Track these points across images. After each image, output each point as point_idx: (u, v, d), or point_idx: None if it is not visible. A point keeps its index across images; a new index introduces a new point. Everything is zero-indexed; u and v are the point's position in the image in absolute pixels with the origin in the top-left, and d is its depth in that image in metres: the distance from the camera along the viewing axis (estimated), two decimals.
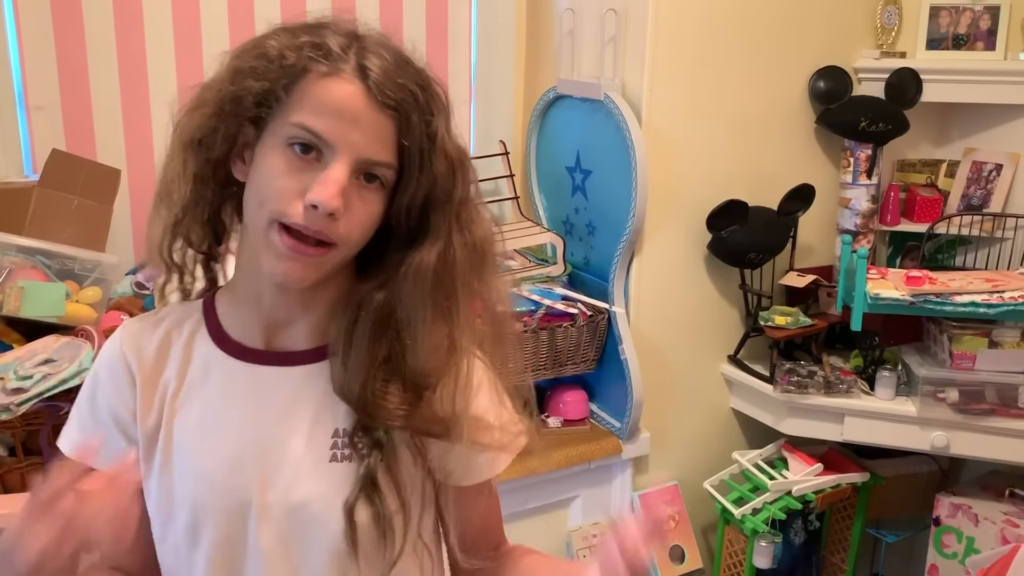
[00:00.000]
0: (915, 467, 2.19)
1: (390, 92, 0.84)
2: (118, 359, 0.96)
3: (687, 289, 2.07)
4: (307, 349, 0.95)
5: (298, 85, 0.85)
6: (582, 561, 0.87)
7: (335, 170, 0.83)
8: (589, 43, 2.03)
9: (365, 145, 0.84)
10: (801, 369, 1.98)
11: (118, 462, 0.85)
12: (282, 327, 0.95)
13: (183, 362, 0.96)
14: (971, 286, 1.83)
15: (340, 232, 0.85)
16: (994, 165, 2.14)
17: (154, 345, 0.96)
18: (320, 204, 0.82)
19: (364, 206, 0.87)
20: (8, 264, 1.57)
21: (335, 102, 0.84)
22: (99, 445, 0.92)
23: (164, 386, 0.95)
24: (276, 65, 0.85)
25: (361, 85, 0.84)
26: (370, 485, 0.91)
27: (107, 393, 0.96)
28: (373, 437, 0.93)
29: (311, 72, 0.85)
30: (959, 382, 1.87)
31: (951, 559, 2.02)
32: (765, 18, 2.00)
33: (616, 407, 2.01)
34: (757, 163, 2.07)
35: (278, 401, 0.94)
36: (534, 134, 2.25)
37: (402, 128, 0.86)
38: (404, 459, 0.94)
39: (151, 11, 1.92)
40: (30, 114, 1.87)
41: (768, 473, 2.02)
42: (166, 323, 0.98)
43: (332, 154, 0.84)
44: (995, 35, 2.12)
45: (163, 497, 0.94)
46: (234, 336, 0.96)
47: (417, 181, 0.87)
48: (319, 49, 0.85)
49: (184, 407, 0.95)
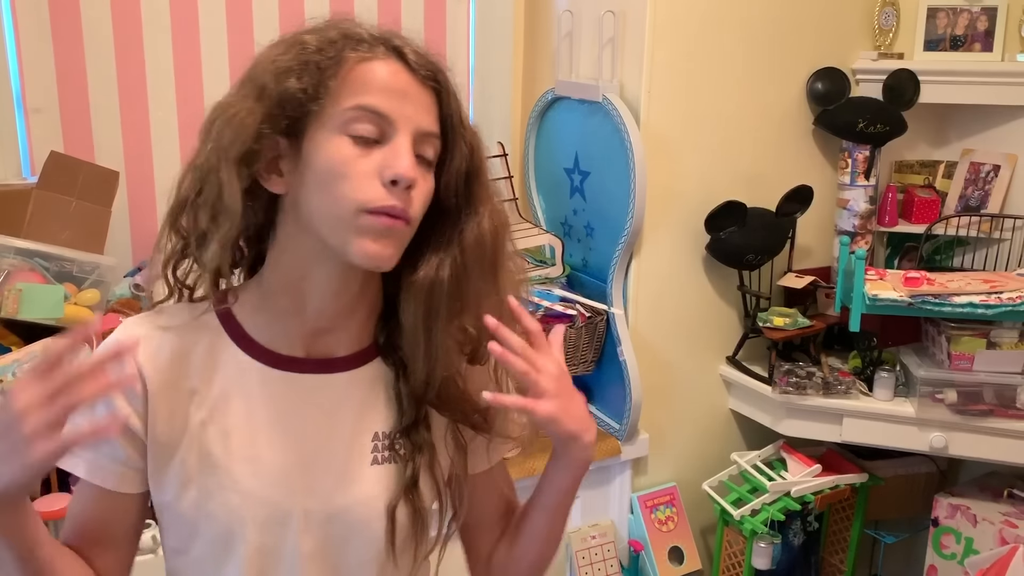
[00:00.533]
0: (914, 468, 2.19)
1: (427, 68, 0.88)
2: (128, 364, 0.89)
3: (685, 290, 2.07)
4: (348, 355, 0.95)
5: (344, 73, 0.86)
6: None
7: (401, 143, 0.85)
8: (587, 45, 2.03)
9: (418, 118, 0.87)
10: (800, 370, 1.98)
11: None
12: (324, 334, 0.94)
13: (208, 372, 0.92)
14: (969, 287, 1.83)
15: (414, 208, 0.87)
16: (992, 166, 2.14)
17: (167, 351, 0.91)
18: (400, 177, 0.84)
19: (425, 183, 0.89)
20: (6, 266, 1.57)
21: (384, 79, 0.86)
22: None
23: (187, 396, 0.91)
24: (317, 58, 0.85)
25: (401, 63, 0.88)
26: (413, 486, 0.93)
27: (110, 400, 0.89)
28: (412, 440, 0.94)
29: (350, 59, 0.86)
30: (957, 383, 1.88)
31: (950, 560, 2.02)
32: (763, 20, 2.00)
33: (615, 408, 2.01)
34: (755, 164, 2.07)
35: (321, 408, 0.93)
36: (532, 136, 2.25)
37: (443, 100, 0.90)
38: (442, 458, 0.97)
39: (149, 13, 1.92)
40: (28, 116, 1.87)
41: (767, 474, 2.02)
42: (176, 329, 0.92)
43: (393, 130, 0.86)
44: (992, 36, 2.12)
45: (190, 510, 0.90)
46: (266, 345, 0.93)
47: (459, 152, 0.90)
48: (351, 39, 0.88)
49: (217, 420, 0.91)
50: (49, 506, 1.39)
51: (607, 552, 2.02)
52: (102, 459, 0.90)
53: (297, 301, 0.92)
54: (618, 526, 2.07)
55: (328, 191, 0.85)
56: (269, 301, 0.93)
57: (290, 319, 0.93)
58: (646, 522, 2.04)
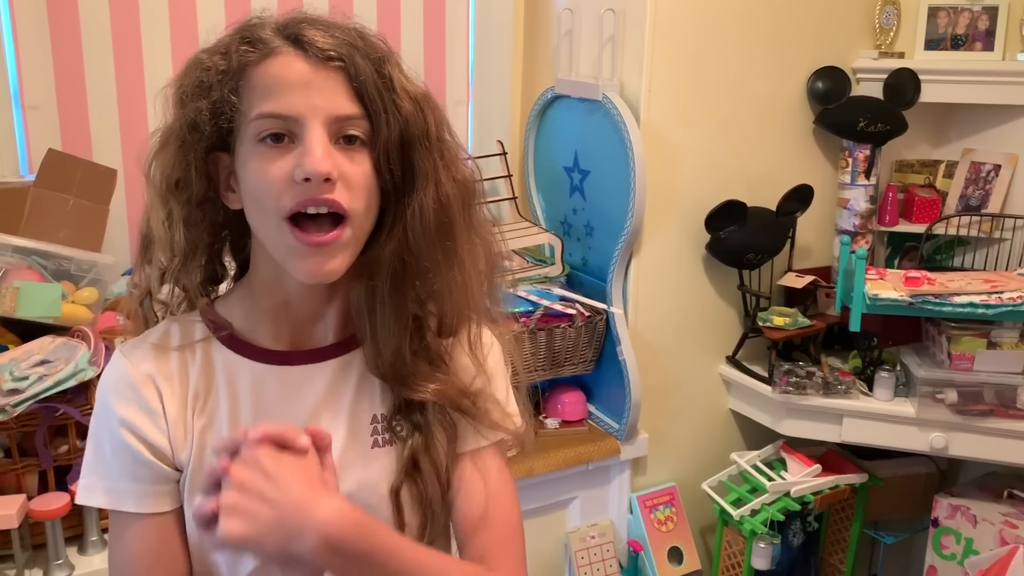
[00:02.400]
0: (913, 468, 2.19)
1: (327, 46, 0.84)
2: (140, 387, 0.90)
3: (685, 290, 2.06)
4: (336, 342, 0.95)
5: (244, 83, 0.85)
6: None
7: (311, 137, 0.83)
8: (587, 43, 2.03)
9: (328, 104, 0.84)
10: (799, 370, 1.98)
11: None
12: (308, 325, 0.95)
13: (206, 377, 0.93)
14: (970, 287, 1.83)
15: (345, 200, 0.84)
16: (992, 166, 2.14)
17: (174, 366, 0.92)
18: (311, 173, 0.82)
19: (355, 167, 0.85)
20: (4, 264, 1.56)
21: (281, 77, 0.84)
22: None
23: (191, 405, 0.92)
24: (215, 73, 0.85)
25: (298, 52, 0.84)
26: (413, 467, 0.93)
27: (134, 426, 0.90)
28: (411, 419, 0.94)
29: (250, 66, 0.85)
30: (958, 383, 1.87)
31: (950, 560, 2.02)
32: (763, 18, 2.00)
33: (614, 408, 2.00)
34: (755, 163, 2.06)
35: (314, 398, 0.93)
36: (532, 134, 2.24)
37: (352, 73, 0.85)
38: (439, 439, 0.95)
39: (147, 10, 1.91)
40: (26, 114, 1.86)
41: (766, 474, 2.02)
42: (175, 344, 0.94)
43: (301, 127, 0.83)
44: (993, 35, 2.12)
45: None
46: (255, 343, 0.94)
47: (387, 123, 0.86)
48: (249, 42, 0.85)
49: (214, 422, 0.92)
50: (47, 505, 1.38)
51: (606, 552, 2.02)
52: (147, 486, 0.91)
53: (279, 299, 0.93)
54: (617, 526, 2.06)
55: (256, 204, 0.86)
56: (254, 302, 0.95)
57: (276, 316, 0.94)
58: (645, 522, 2.04)
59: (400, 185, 0.89)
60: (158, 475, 0.91)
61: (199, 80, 0.86)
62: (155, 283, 0.94)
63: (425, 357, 0.95)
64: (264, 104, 0.84)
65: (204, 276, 0.97)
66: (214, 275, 0.98)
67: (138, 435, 0.90)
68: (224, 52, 0.86)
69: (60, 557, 1.41)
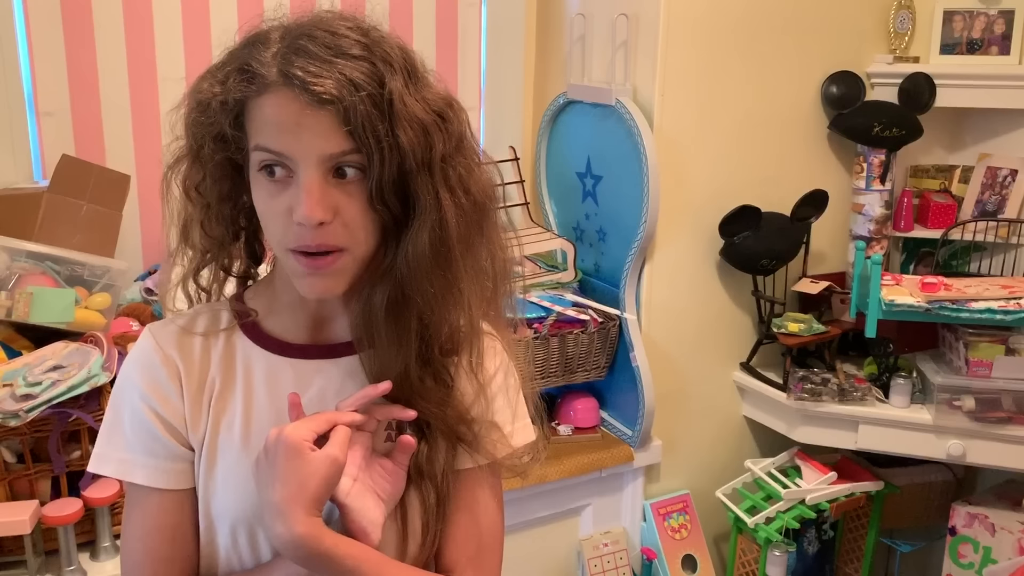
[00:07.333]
0: (930, 476, 2.17)
1: (319, 87, 0.81)
2: (162, 366, 0.94)
3: (699, 296, 2.05)
4: (351, 340, 0.96)
5: (243, 115, 0.87)
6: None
7: (306, 181, 0.83)
8: (600, 48, 2.02)
9: (320, 144, 0.83)
10: (815, 376, 1.96)
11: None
12: (326, 321, 0.97)
13: (226, 364, 0.96)
14: (987, 292, 1.81)
15: (340, 237, 0.85)
16: (1009, 171, 2.12)
17: (197, 351, 0.96)
18: (304, 220, 0.83)
19: (351, 201, 0.85)
20: (17, 270, 1.56)
21: (274, 117, 0.84)
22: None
23: (209, 390, 0.95)
24: (215, 110, 0.87)
25: (290, 91, 0.82)
26: (416, 472, 0.94)
27: (152, 402, 0.93)
28: (416, 425, 0.94)
29: (247, 99, 0.86)
30: (975, 390, 1.85)
31: (967, 569, 2.00)
32: (777, 23, 1.99)
33: (627, 415, 1.99)
34: (769, 168, 2.05)
35: (323, 393, 0.95)
36: (544, 140, 2.24)
37: (341, 114, 0.82)
38: (442, 449, 0.96)
39: (161, 16, 1.92)
40: (40, 120, 1.87)
41: (781, 482, 2.00)
42: (200, 329, 0.97)
43: (296, 166, 0.84)
44: (1009, 40, 2.10)
45: (205, 497, 0.94)
46: (273, 333, 0.97)
47: (381, 161, 0.84)
48: (245, 74, 0.85)
49: (228, 408, 0.94)
50: (59, 511, 1.38)
51: (619, 560, 2.01)
52: (160, 462, 0.93)
53: (297, 294, 0.94)
54: (631, 534, 2.05)
55: (264, 228, 0.90)
56: (276, 294, 0.98)
57: (295, 310, 0.97)
58: (659, 530, 2.02)
59: (400, 216, 0.88)
60: (172, 453, 0.93)
61: (201, 115, 0.89)
62: (195, 265, 0.98)
63: (430, 375, 0.95)
64: (259, 138, 0.85)
65: (242, 256, 1.01)
66: (254, 254, 1.02)
67: (155, 411, 0.93)
68: (223, 82, 0.87)
69: (72, 563, 1.41)
